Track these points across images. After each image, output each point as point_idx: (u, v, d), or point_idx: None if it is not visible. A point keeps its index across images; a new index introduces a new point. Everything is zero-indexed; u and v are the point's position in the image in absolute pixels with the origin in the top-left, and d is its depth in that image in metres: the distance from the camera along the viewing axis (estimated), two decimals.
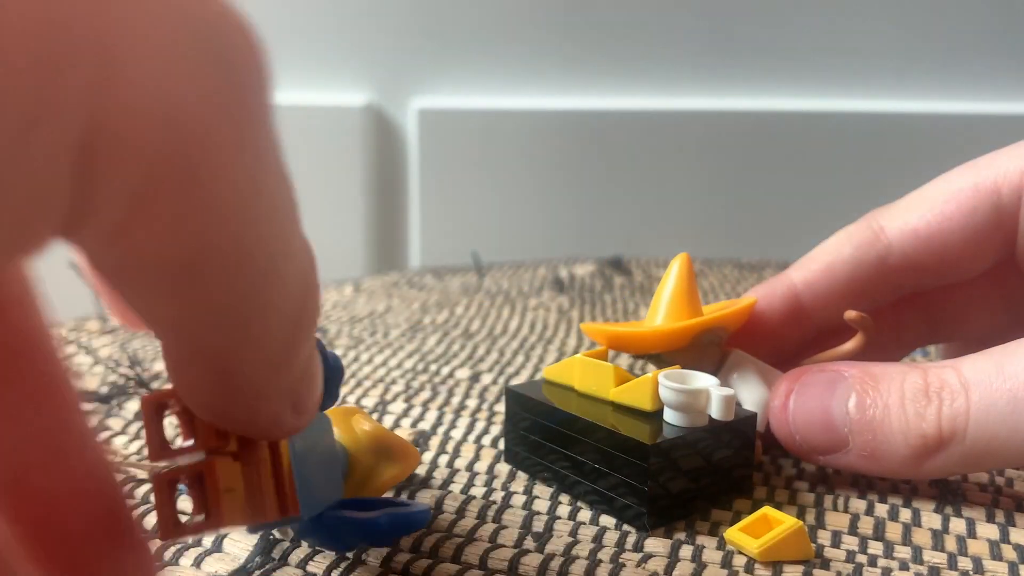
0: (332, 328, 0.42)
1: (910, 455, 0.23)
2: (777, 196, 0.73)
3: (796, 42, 0.72)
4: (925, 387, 0.23)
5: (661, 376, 0.23)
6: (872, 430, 0.23)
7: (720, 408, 0.23)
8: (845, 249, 0.27)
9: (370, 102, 0.74)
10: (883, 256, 0.27)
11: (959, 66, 0.71)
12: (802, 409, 0.24)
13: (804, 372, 0.25)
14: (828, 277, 0.27)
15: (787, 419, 0.25)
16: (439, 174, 0.74)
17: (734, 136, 0.72)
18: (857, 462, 0.24)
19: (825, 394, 0.24)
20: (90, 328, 0.41)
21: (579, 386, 0.25)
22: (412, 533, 0.21)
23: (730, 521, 0.23)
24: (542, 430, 0.25)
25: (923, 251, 0.26)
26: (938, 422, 0.22)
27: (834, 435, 0.24)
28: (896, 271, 0.27)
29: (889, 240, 0.27)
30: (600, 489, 0.23)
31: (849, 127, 0.71)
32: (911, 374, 0.23)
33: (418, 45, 0.74)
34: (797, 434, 0.24)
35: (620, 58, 0.73)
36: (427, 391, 0.33)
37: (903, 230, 0.27)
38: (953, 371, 0.23)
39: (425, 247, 0.75)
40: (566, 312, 0.46)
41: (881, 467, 0.24)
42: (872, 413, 0.23)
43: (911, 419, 0.23)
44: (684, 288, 0.26)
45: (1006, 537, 0.23)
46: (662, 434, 0.22)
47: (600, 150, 0.73)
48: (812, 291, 0.27)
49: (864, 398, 0.23)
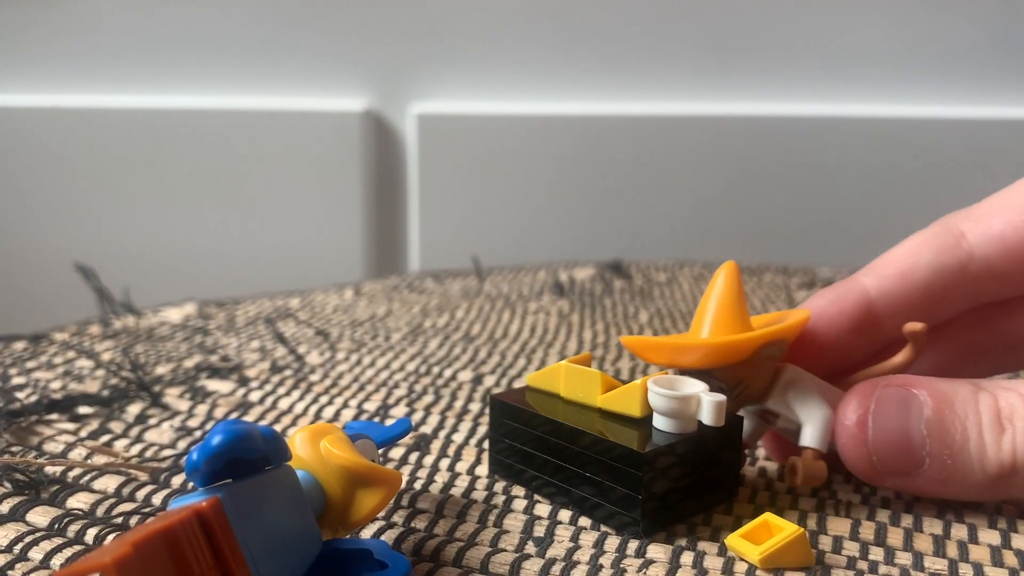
0: (334, 332, 0.42)
1: (984, 481, 0.22)
2: (776, 200, 0.73)
3: (795, 48, 0.72)
4: (998, 412, 0.22)
5: (650, 382, 0.23)
6: (952, 455, 0.22)
7: (711, 414, 0.23)
8: (924, 254, 0.25)
9: (370, 107, 0.74)
10: (964, 263, 0.25)
11: (959, 71, 0.71)
12: (881, 430, 0.23)
13: (874, 388, 0.24)
14: (905, 284, 0.25)
15: (865, 440, 0.23)
16: (438, 179, 0.74)
17: (733, 141, 0.72)
18: (928, 485, 0.23)
19: (902, 414, 0.23)
20: (92, 332, 0.41)
21: (564, 393, 0.25)
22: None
23: (731, 527, 0.23)
24: (529, 438, 0.25)
25: (1008, 258, 0.25)
26: (1013, 450, 0.22)
27: (913, 458, 0.23)
28: (977, 279, 0.25)
29: (971, 246, 0.25)
30: (591, 497, 0.23)
31: (848, 132, 0.71)
32: (983, 396, 0.23)
33: (417, 51, 0.74)
34: (875, 455, 0.23)
35: (618, 63, 0.73)
36: (430, 394, 0.33)
37: (987, 235, 0.25)
38: (1019, 397, 0.22)
39: (425, 251, 0.75)
40: (566, 316, 0.46)
41: (951, 491, 0.23)
42: (952, 437, 0.22)
43: (989, 446, 0.22)
44: (734, 298, 0.25)
45: (1008, 543, 0.23)
46: (654, 441, 0.22)
47: (599, 154, 0.73)
48: (887, 299, 0.26)
49: (942, 420, 0.22)
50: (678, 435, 0.23)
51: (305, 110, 0.74)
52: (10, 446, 0.28)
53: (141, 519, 0.24)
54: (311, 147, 0.74)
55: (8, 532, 0.23)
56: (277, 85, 0.75)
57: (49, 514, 0.24)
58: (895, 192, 0.71)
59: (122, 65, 0.77)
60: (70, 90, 0.77)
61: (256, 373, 0.36)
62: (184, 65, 0.76)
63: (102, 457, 0.27)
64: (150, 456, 0.28)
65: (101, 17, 0.76)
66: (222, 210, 0.76)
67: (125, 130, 0.76)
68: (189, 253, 0.77)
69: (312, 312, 0.46)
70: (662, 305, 0.48)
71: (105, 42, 0.76)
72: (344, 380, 0.35)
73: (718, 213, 0.74)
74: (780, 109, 0.72)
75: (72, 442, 0.29)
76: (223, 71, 0.76)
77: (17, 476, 0.25)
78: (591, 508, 0.23)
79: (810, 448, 0.24)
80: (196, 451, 0.17)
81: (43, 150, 0.76)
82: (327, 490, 0.20)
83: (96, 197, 0.77)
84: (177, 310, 0.46)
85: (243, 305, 0.47)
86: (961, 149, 0.70)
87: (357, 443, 0.22)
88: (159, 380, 0.35)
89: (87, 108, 0.76)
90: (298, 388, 0.34)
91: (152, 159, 0.76)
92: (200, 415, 0.31)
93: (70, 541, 0.22)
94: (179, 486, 0.26)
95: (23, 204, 0.78)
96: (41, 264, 0.78)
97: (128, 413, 0.31)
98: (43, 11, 0.76)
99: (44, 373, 0.35)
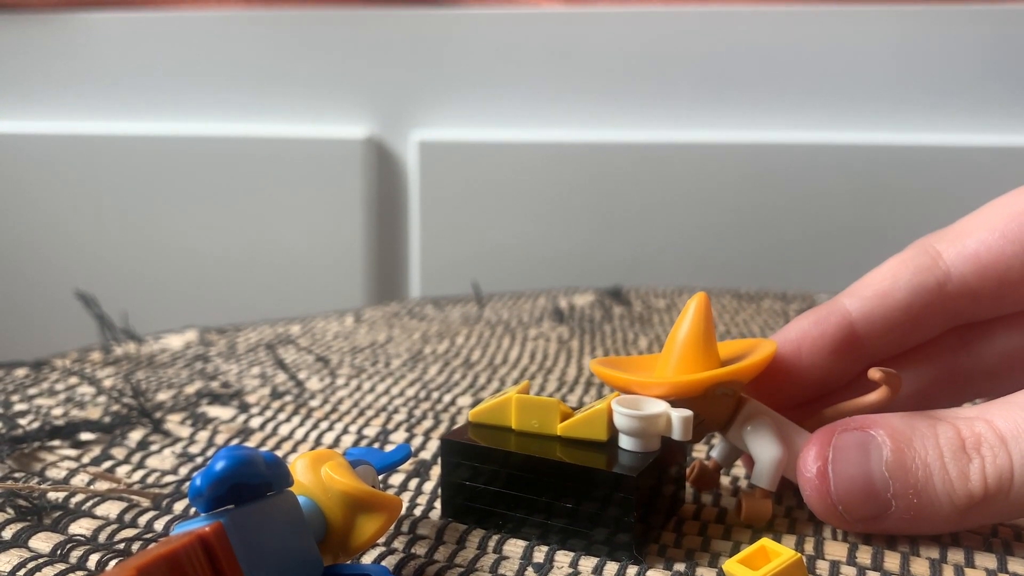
0: (334, 358, 0.42)
1: (954, 514, 0.22)
2: (775, 227, 0.73)
3: (795, 76, 0.73)
4: (961, 442, 0.22)
5: (615, 404, 0.23)
6: (916, 493, 0.22)
7: (680, 430, 0.23)
8: (902, 275, 0.26)
9: (372, 134, 0.75)
10: (942, 282, 0.25)
11: (956, 99, 0.72)
12: (842, 478, 0.23)
13: (831, 433, 0.23)
14: (884, 305, 0.26)
15: (828, 490, 0.23)
16: (439, 205, 0.75)
17: (732, 168, 0.73)
18: (899, 526, 0.23)
19: (862, 459, 0.22)
20: (93, 358, 0.42)
21: (517, 425, 0.25)
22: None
23: (729, 552, 0.23)
24: (496, 477, 0.24)
25: (983, 277, 0.25)
26: (983, 480, 0.22)
27: (878, 501, 0.22)
28: (954, 298, 0.25)
29: (948, 266, 0.25)
30: (572, 527, 0.23)
31: (847, 159, 0.72)
32: (942, 428, 0.22)
33: (419, 79, 0.75)
34: (840, 504, 0.23)
35: (617, 92, 0.74)
36: (429, 419, 0.34)
37: (962, 254, 0.25)
38: (985, 423, 0.22)
39: (425, 277, 0.76)
40: (566, 342, 0.46)
41: (924, 528, 0.23)
42: (915, 475, 0.22)
43: (955, 479, 0.22)
44: (700, 333, 0.25)
45: (1004, 567, 0.23)
46: (631, 464, 0.23)
47: (598, 182, 0.74)
48: (868, 320, 0.26)
49: (902, 459, 0.22)
50: (648, 453, 0.23)
51: (308, 137, 0.74)
52: (13, 472, 0.28)
53: (143, 545, 0.24)
54: (314, 173, 0.74)
55: (11, 558, 0.23)
56: (281, 112, 0.76)
57: (52, 540, 0.24)
58: (894, 219, 0.72)
59: (130, 93, 0.78)
60: (76, 117, 0.78)
61: (257, 399, 0.36)
62: (190, 93, 0.77)
63: (104, 483, 0.28)
64: (152, 482, 0.28)
65: (110, 46, 0.77)
66: (226, 235, 0.77)
67: (131, 157, 0.76)
68: (193, 278, 0.78)
69: (313, 339, 0.46)
70: (661, 331, 0.49)
71: (113, 70, 0.77)
72: (344, 405, 0.35)
73: (717, 240, 0.74)
74: (779, 136, 0.73)
75: (74, 468, 0.29)
76: (228, 99, 0.77)
77: (20, 502, 0.26)
78: (570, 538, 0.23)
79: (757, 487, 0.24)
80: (199, 476, 0.17)
81: (50, 177, 0.77)
82: (328, 516, 0.20)
83: (101, 223, 0.77)
84: (178, 337, 0.46)
85: (244, 332, 0.48)
86: (958, 176, 0.70)
87: (358, 469, 0.23)
88: (160, 406, 0.35)
89: (93, 135, 0.76)
90: (298, 414, 0.34)
91: (158, 185, 0.76)
92: (201, 441, 0.31)
93: (72, 567, 0.22)
94: (181, 512, 0.26)
95: (27, 230, 0.78)
96: (43, 291, 0.79)
97: (130, 439, 0.31)
98: (51, 40, 0.77)
99: (46, 400, 0.36)
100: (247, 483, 0.18)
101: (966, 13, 0.71)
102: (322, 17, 0.75)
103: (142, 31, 0.76)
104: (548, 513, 0.23)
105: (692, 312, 0.25)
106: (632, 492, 0.22)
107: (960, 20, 0.71)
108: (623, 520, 0.22)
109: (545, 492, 0.23)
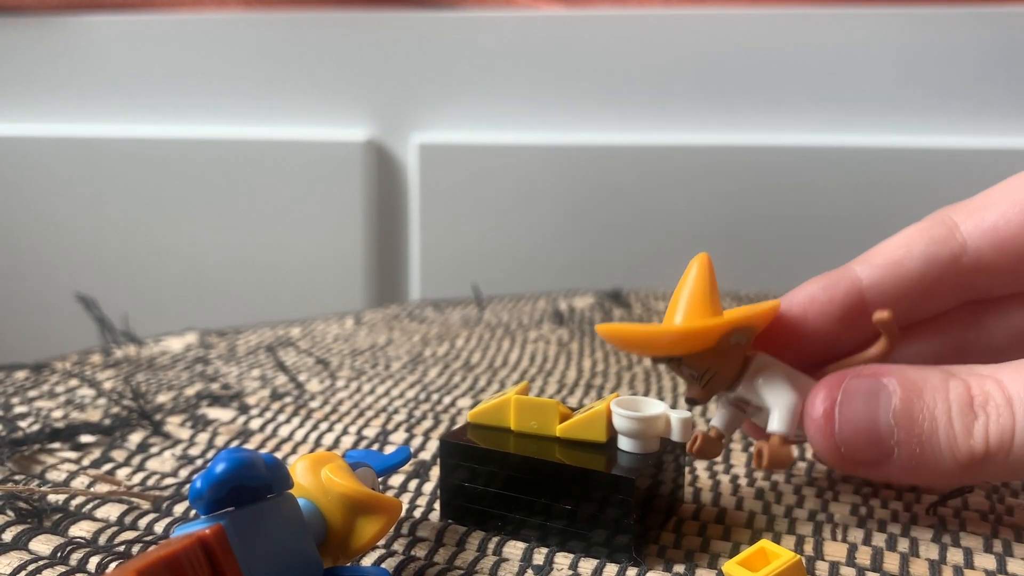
0: (334, 361, 0.42)
1: (955, 468, 0.22)
2: (775, 230, 0.73)
3: (795, 78, 0.73)
4: (970, 399, 0.22)
5: (613, 405, 0.23)
6: (920, 443, 0.22)
7: (681, 431, 0.23)
8: (916, 245, 0.25)
9: (372, 137, 0.75)
10: (957, 255, 0.25)
11: (955, 101, 0.72)
12: (848, 420, 0.23)
13: (842, 379, 0.23)
14: (896, 274, 0.25)
15: (832, 431, 0.23)
16: (439, 208, 0.75)
17: (731, 170, 0.73)
18: (899, 474, 0.23)
19: (870, 404, 0.23)
20: (94, 361, 0.42)
21: (516, 426, 0.25)
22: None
23: (729, 554, 0.23)
24: (495, 479, 0.24)
25: (1000, 251, 0.25)
26: (986, 438, 0.22)
27: (881, 448, 0.23)
28: (969, 272, 0.25)
29: (964, 238, 0.25)
30: (574, 529, 0.23)
31: (848, 162, 0.72)
32: (954, 383, 0.22)
33: (419, 82, 0.75)
34: (843, 446, 0.23)
35: (617, 94, 0.74)
36: (429, 419, 0.34)
37: (980, 227, 0.25)
38: (995, 383, 0.22)
39: (425, 279, 0.76)
40: (566, 344, 0.46)
41: (922, 479, 0.23)
42: (920, 426, 0.22)
43: (959, 434, 0.22)
44: (705, 288, 0.24)
45: (1003, 567, 0.23)
46: (631, 465, 0.23)
47: (598, 184, 0.74)
48: (878, 288, 0.25)
49: (910, 409, 0.22)
50: (647, 455, 0.23)
51: (308, 140, 0.74)
52: (13, 474, 0.28)
53: (143, 547, 0.24)
54: (314, 176, 0.74)
55: (11, 560, 0.23)
56: (281, 115, 0.76)
57: (52, 542, 0.24)
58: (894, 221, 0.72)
59: (130, 96, 0.78)
60: (77, 120, 0.78)
61: (256, 401, 0.36)
62: (191, 95, 0.77)
63: (104, 486, 0.28)
64: (152, 484, 0.28)
65: (110, 49, 0.77)
66: (226, 237, 0.77)
67: (132, 159, 0.76)
68: (193, 280, 0.78)
69: (313, 341, 0.46)
70: None
71: (113, 73, 0.77)
72: (344, 407, 0.35)
73: (717, 242, 0.74)
74: (779, 139, 0.73)
75: (74, 471, 0.29)
76: (228, 101, 0.77)
77: (20, 504, 0.26)
78: (570, 539, 0.23)
79: (776, 433, 0.24)
80: (200, 479, 0.17)
81: (51, 180, 0.77)
82: (328, 518, 0.20)
83: (101, 226, 0.78)
84: (178, 339, 0.46)
85: (244, 334, 0.48)
86: (959, 178, 0.70)
87: (357, 471, 0.23)
88: (160, 409, 0.35)
89: (93, 138, 0.76)
90: (298, 415, 0.34)
91: (158, 188, 0.77)
92: (201, 443, 0.31)
93: (73, 569, 0.22)
94: (181, 514, 0.26)
95: (28, 233, 0.78)
96: (43, 293, 0.79)
97: (130, 442, 0.31)
98: (51, 43, 0.77)
99: (46, 402, 0.36)
100: (247, 485, 0.18)
101: (966, 15, 0.71)
102: (322, 20, 0.75)
103: (142, 34, 0.76)
104: (547, 514, 0.23)
105: (695, 269, 0.25)
106: (631, 494, 0.22)
107: (960, 22, 0.71)
108: (622, 522, 0.22)
109: (544, 493, 0.23)
